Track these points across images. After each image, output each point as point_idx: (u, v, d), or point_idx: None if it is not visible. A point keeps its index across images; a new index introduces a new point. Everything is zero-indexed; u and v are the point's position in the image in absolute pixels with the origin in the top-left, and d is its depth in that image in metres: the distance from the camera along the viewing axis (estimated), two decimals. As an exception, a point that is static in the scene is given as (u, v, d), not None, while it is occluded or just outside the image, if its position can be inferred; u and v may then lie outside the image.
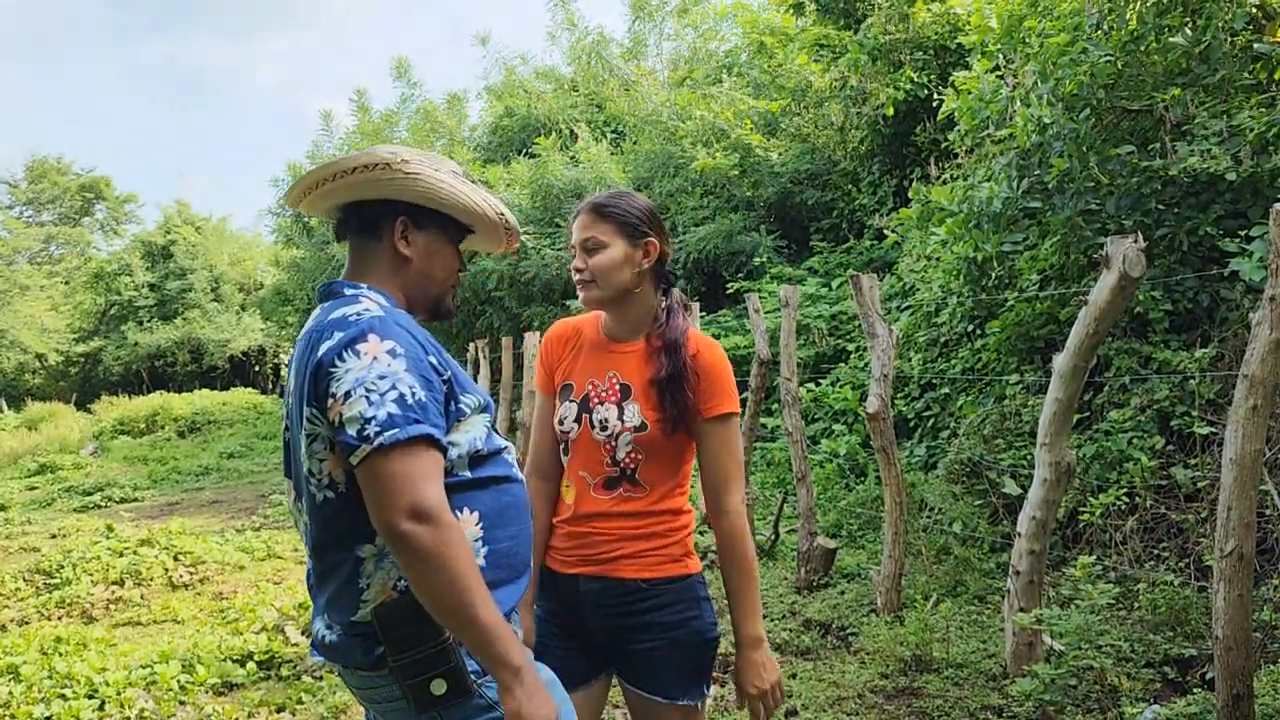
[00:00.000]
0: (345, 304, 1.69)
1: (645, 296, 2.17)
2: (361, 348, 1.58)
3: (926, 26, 9.68)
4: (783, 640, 4.63)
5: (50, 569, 7.09)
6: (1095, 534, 5.08)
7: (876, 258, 10.19)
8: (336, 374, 1.57)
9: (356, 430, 1.53)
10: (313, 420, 1.61)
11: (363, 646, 1.66)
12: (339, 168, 1.74)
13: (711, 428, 2.10)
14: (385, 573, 1.65)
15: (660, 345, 2.13)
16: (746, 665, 2.11)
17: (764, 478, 8.18)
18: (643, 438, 2.09)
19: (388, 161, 1.73)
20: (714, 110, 12.46)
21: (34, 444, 18.99)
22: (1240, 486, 2.98)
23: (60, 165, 42.25)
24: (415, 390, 1.58)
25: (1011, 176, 5.95)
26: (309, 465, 1.65)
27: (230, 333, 33.51)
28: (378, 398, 1.54)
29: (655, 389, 2.11)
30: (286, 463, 1.80)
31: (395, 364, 1.58)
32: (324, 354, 1.60)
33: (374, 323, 1.62)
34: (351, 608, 1.66)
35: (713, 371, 2.11)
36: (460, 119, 19.36)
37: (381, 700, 1.70)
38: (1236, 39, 5.67)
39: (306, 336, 1.70)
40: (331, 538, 1.67)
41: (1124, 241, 3.33)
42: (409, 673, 1.61)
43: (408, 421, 1.54)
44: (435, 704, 1.62)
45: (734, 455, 2.12)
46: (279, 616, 5.46)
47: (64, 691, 4.40)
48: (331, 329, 1.63)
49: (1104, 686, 3.54)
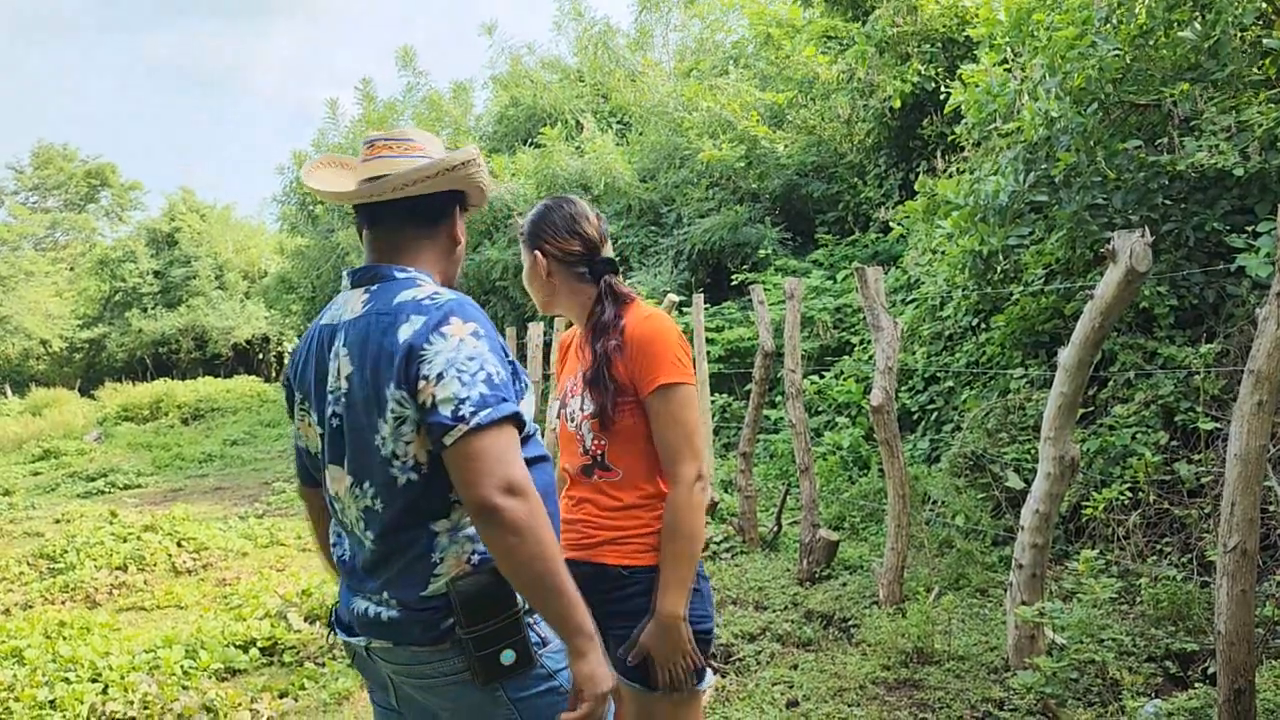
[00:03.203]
0: (405, 287, 1.72)
1: (574, 293, 2.26)
2: (447, 330, 1.63)
3: (934, 19, 9.64)
4: (784, 631, 4.64)
5: (54, 554, 7.12)
6: (1098, 528, 5.08)
7: (882, 251, 10.18)
8: (426, 356, 1.61)
9: (451, 410, 1.57)
10: (401, 403, 1.64)
11: (427, 621, 1.69)
12: (442, 166, 1.76)
13: (653, 402, 2.12)
14: (460, 546, 1.69)
15: (588, 334, 2.23)
16: (655, 636, 2.08)
17: (767, 469, 8.19)
18: (596, 424, 2.17)
19: (473, 158, 1.78)
20: (720, 102, 12.43)
21: (38, 430, 19.01)
22: (1244, 482, 2.97)
23: (66, 152, 42.26)
24: (500, 370, 1.64)
25: (1018, 170, 5.93)
26: (393, 448, 1.67)
27: (234, 320, 33.50)
28: (469, 378, 1.59)
29: (583, 379, 2.21)
30: (338, 440, 1.77)
31: (480, 345, 1.64)
32: (412, 338, 1.63)
33: (454, 305, 1.66)
34: (421, 583, 1.69)
35: (645, 344, 2.13)
36: (465, 109, 19.30)
37: (435, 675, 1.72)
38: (1246, 34, 5.64)
39: (365, 320, 1.71)
40: (409, 517, 1.70)
41: (1131, 236, 3.32)
42: (482, 644, 1.65)
43: (498, 400, 1.60)
44: (501, 675, 1.67)
45: (682, 427, 2.11)
46: (282, 603, 5.47)
47: (68, 675, 4.42)
48: (407, 312, 1.66)
49: (1105, 680, 3.55)
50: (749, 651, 4.41)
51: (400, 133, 1.83)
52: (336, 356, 1.75)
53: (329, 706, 4.21)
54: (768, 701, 3.87)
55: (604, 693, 1.66)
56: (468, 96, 19.51)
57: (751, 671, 4.23)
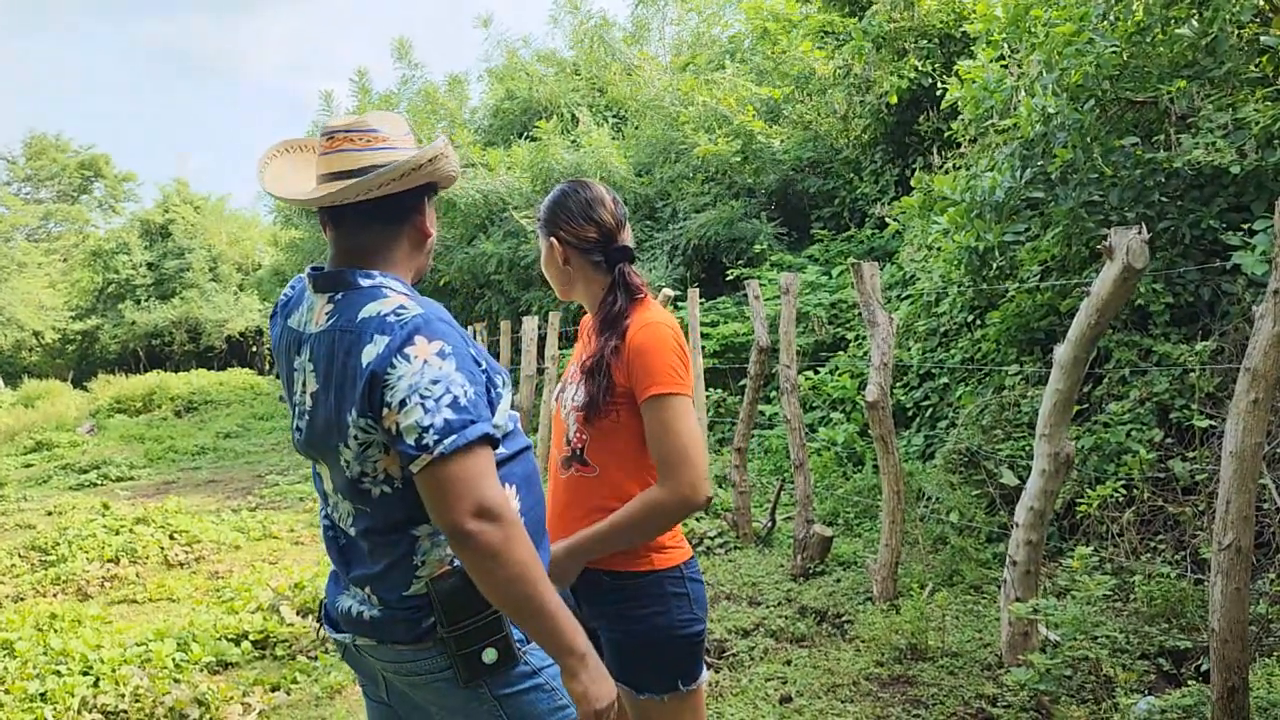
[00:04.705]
0: (371, 299, 1.65)
1: (589, 282, 2.23)
2: (411, 351, 1.56)
3: (931, 14, 9.63)
4: (778, 627, 4.64)
5: (46, 546, 7.10)
6: (1092, 525, 5.08)
7: (877, 246, 10.18)
8: (389, 382, 1.56)
9: (415, 440, 1.53)
10: (366, 430, 1.61)
11: (408, 620, 1.68)
12: (406, 167, 1.67)
13: (647, 410, 2.07)
14: (441, 549, 1.68)
15: (596, 325, 2.19)
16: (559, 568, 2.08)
17: (761, 464, 8.18)
18: (581, 416, 2.14)
19: (441, 152, 1.70)
20: (716, 96, 12.40)
21: (30, 421, 18.93)
22: (1239, 480, 2.97)
23: (59, 143, 42.12)
24: (466, 390, 1.58)
25: (1014, 166, 5.92)
26: (360, 469, 1.65)
27: (228, 313, 33.44)
28: (433, 404, 1.54)
29: (581, 369, 2.18)
30: (310, 444, 1.75)
31: (446, 365, 1.57)
32: (375, 362, 1.57)
33: (418, 323, 1.60)
34: (404, 583, 1.68)
35: (642, 354, 2.08)
36: (461, 101, 19.24)
37: (421, 674, 1.71)
38: (1243, 31, 5.64)
39: (329, 336, 1.66)
40: (387, 525, 1.69)
41: (1128, 233, 3.31)
42: (463, 643, 1.64)
43: (464, 425, 1.55)
44: (484, 672, 1.66)
45: (673, 438, 2.02)
46: (274, 596, 5.46)
47: (59, 668, 4.40)
48: (370, 331, 1.60)
49: (1099, 677, 3.55)
50: (742, 647, 4.40)
51: (361, 122, 1.72)
52: (302, 370, 1.73)
53: (321, 700, 4.20)
54: (761, 697, 3.87)
55: (602, 709, 1.65)
56: (463, 89, 19.45)
57: (745, 667, 4.22)
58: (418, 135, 1.82)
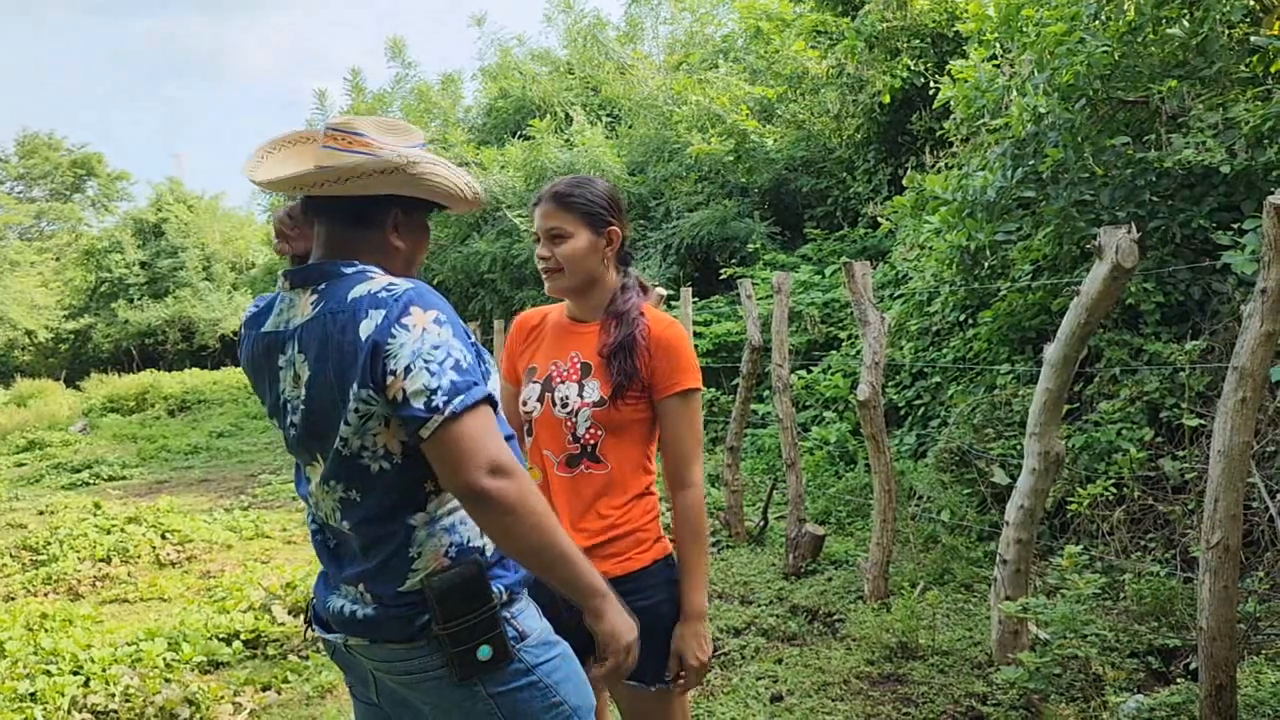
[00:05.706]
0: (357, 281, 1.67)
1: (608, 280, 2.21)
2: (408, 321, 1.59)
3: (924, 14, 9.65)
4: (769, 626, 4.64)
5: (37, 545, 7.08)
6: (1083, 524, 5.10)
7: (870, 246, 10.18)
8: (391, 350, 1.57)
9: (424, 402, 1.55)
10: (368, 401, 1.61)
11: (403, 618, 1.68)
12: (346, 172, 1.67)
13: (672, 404, 2.12)
14: (437, 539, 1.68)
15: (612, 318, 2.18)
16: (691, 636, 2.11)
17: (754, 464, 8.19)
18: (601, 413, 2.12)
19: (400, 166, 1.69)
20: (710, 95, 12.40)
21: (23, 420, 18.88)
22: (1228, 478, 2.98)
23: (52, 141, 41.98)
24: (465, 355, 1.62)
25: (1006, 166, 5.94)
26: (361, 441, 1.65)
27: (221, 312, 33.31)
28: (438, 367, 1.57)
29: (603, 358, 2.14)
30: (308, 434, 1.74)
31: (444, 332, 1.61)
32: (375, 333, 1.58)
33: (412, 295, 1.63)
34: (399, 578, 1.68)
35: (671, 348, 2.12)
36: (455, 100, 19.24)
37: (415, 672, 1.71)
38: (1234, 32, 5.66)
39: (320, 321, 1.66)
40: (384, 509, 1.69)
41: (1117, 232, 3.32)
42: (458, 640, 1.65)
43: (468, 386, 1.58)
44: (478, 670, 1.66)
45: (695, 431, 2.15)
46: (266, 596, 5.45)
47: (49, 668, 4.38)
48: (364, 307, 1.61)
49: (1088, 675, 3.56)
50: (734, 646, 4.41)
51: (349, 124, 1.73)
52: (291, 364, 1.71)
53: (312, 700, 4.19)
54: (752, 696, 3.87)
55: (628, 644, 1.74)
56: (457, 88, 19.46)
57: (736, 666, 4.23)
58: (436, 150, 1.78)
